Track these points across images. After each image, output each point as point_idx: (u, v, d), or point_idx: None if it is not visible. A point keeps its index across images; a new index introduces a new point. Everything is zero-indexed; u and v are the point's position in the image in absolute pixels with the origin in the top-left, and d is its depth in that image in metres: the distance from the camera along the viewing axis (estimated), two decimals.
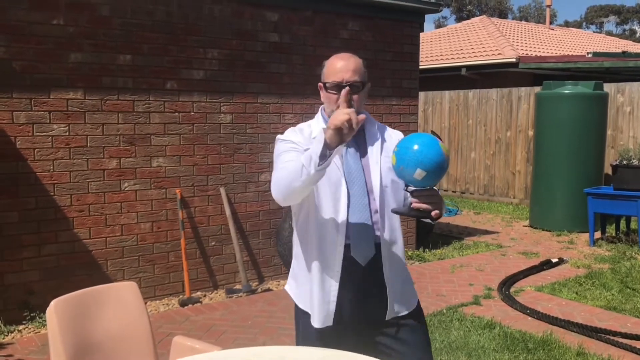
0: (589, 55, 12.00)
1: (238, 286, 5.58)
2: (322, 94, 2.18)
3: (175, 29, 5.17)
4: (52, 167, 4.69)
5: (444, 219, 9.33)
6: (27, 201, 4.60)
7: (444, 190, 11.88)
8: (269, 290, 5.57)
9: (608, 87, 9.17)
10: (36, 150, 4.62)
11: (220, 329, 4.53)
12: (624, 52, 12.22)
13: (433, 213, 1.98)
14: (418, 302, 2.31)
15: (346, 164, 2.16)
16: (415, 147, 1.93)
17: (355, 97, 2.06)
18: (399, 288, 2.21)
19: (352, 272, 2.14)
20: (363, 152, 2.19)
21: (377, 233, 2.15)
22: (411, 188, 2.02)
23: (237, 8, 5.49)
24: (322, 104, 2.24)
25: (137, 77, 5.02)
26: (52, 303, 2.31)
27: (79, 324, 2.37)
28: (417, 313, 2.27)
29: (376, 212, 2.15)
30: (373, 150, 2.19)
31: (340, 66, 2.09)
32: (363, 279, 2.16)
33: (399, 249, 2.24)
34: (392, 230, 2.20)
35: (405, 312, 2.22)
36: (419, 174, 1.92)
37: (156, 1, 5.05)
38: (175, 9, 5.15)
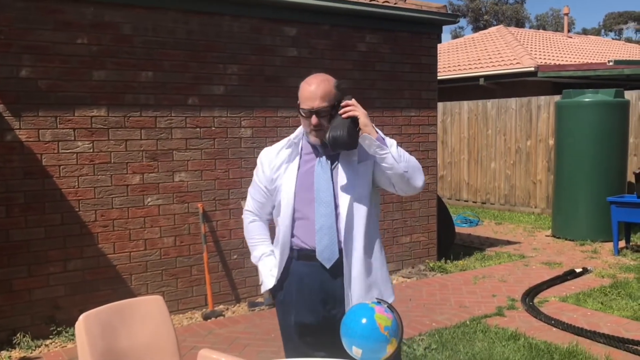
0: (610, 63, 11.91)
1: (260, 299, 5.60)
2: (299, 114, 2.42)
3: (196, 46, 5.25)
4: (77, 184, 4.77)
5: (466, 230, 9.28)
6: (53, 217, 4.68)
7: (465, 201, 11.83)
8: None
9: (629, 95, 9.08)
10: (61, 167, 4.71)
11: (244, 342, 4.55)
12: None
13: None
14: None
15: (316, 174, 2.39)
16: (345, 323, 1.85)
17: (323, 121, 2.34)
18: (363, 293, 2.39)
19: (312, 273, 2.39)
20: (334, 161, 2.42)
21: (341, 238, 2.36)
22: None
23: (256, 24, 5.55)
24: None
25: (159, 94, 5.10)
26: (81, 317, 2.35)
27: (107, 338, 2.41)
28: None
29: (342, 217, 2.37)
30: (348, 158, 2.41)
31: (309, 93, 2.34)
32: (325, 279, 2.40)
33: (367, 255, 2.41)
34: (358, 235, 2.38)
35: None
36: (356, 352, 1.82)
37: (176, 19, 5.14)
38: (196, 26, 5.24)
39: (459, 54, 16.34)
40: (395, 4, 6.41)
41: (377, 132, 2.31)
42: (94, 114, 4.82)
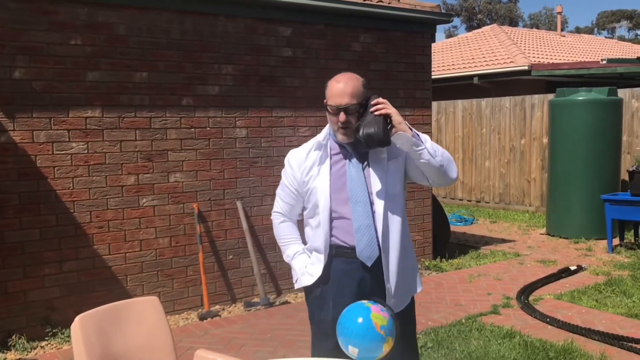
0: (603, 62, 11.95)
1: (256, 299, 5.60)
2: (326, 111, 2.44)
3: (190, 46, 5.24)
4: (71, 185, 4.76)
5: (460, 229, 9.30)
6: (48, 218, 4.67)
7: (459, 200, 11.85)
8: (286, 303, 5.58)
9: (622, 93, 9.12)
10: (56, 168, 4.69)
11: (240, 342, 4.55)
12: (638, 58, 12.16)
13: None
14: (413, 296, 2.58)
15: (349, 174, 2.42)
16: (341, 323, 1.86)
17: (351, 118, 2.35)
18: (400, 286, 2.46)
19: (351, 270, 2.43)
20: (364, 160, 2.44)
21: (379, 235, 2.40)
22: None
23: (251, 24, 5.55)
24: None
25: (154, 94, 5.09)
26: (77, 319, 2.34)
27: (103, 339, 2.40)
28: (409, 307, 2.54)
29: (379, 215, 2.40)
30: (377, 157, 2.44)
31: (338, 90, 2.36)
32: (364, 277, 2.43)
33: (403, 249, 2.46)
34: (395, 231, 2.43)
35: (400, 309, 2.48)
36: (352, 351, 1.82)
37: (171, 19, 5.13)
38: (190, 27, 5.23)
39: (453, 53, 16.37)
40: (389, 3, 6.41)
41: (411, 129, 2.32)
42: (89, 114, 4.81)
